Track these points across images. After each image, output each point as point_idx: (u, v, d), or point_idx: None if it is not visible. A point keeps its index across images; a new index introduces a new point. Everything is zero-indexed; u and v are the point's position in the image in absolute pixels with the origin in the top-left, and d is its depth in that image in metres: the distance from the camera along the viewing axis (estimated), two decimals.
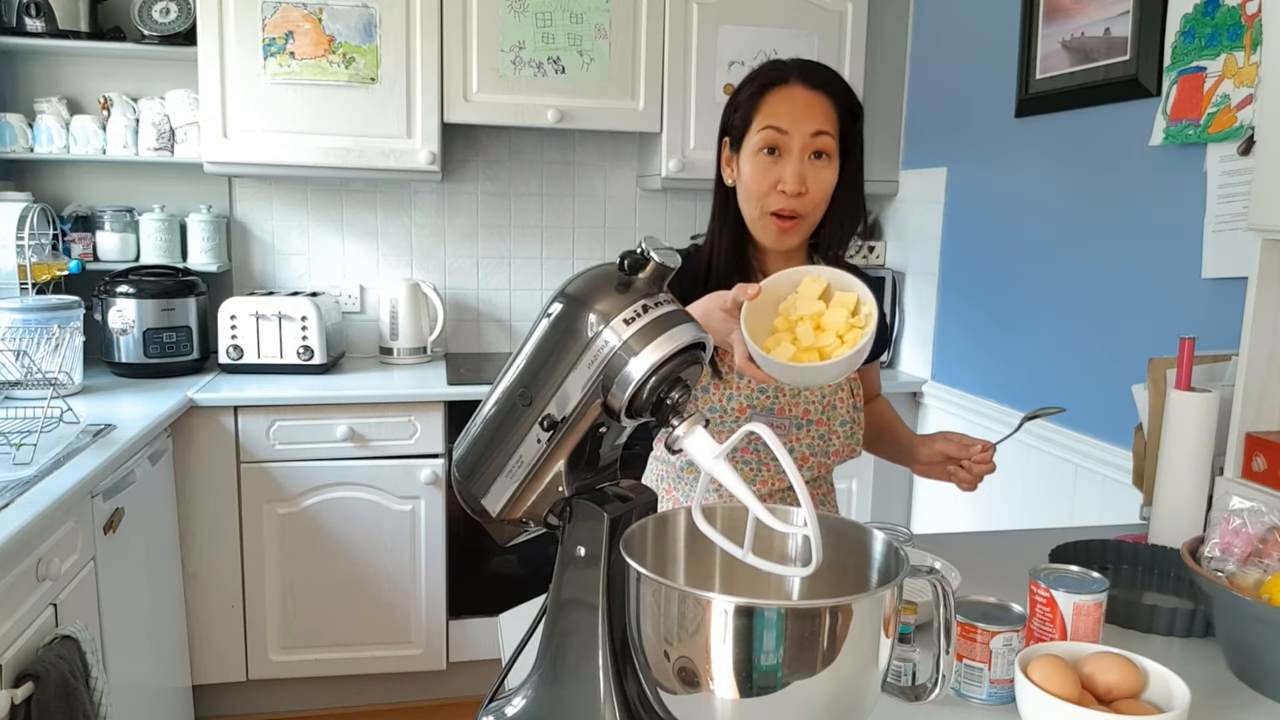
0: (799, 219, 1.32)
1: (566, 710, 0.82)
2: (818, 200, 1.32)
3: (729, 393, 1.34)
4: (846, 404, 1.41)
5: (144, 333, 2.60)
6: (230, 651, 2.55)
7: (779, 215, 1.31)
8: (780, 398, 1.35)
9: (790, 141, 1.30)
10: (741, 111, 1.35)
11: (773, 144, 1.30)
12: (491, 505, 0.85)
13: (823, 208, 1.34)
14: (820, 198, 1.32)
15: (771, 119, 1.31)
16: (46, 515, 1.53)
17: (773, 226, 1.32)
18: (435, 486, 2.58)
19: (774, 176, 1.30)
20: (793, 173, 1.29)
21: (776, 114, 1.31)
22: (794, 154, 1.29)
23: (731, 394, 1.34)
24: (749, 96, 1.34)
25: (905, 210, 3.02)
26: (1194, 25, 1.83)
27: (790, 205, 1.30)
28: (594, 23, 2.72)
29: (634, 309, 0.77)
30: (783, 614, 0.68)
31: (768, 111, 1.31)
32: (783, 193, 1.30)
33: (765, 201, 1.31)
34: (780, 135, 1.30)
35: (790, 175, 1.29)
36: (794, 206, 1.30)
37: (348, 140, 2.65)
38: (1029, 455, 2.36)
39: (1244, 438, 1.32)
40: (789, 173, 1.29)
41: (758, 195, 1.32)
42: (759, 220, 1.34)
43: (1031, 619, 1.03)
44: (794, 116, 1.30)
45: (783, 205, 1.31)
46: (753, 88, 1.34)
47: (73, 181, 2.84)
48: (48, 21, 2.58)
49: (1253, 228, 1.29)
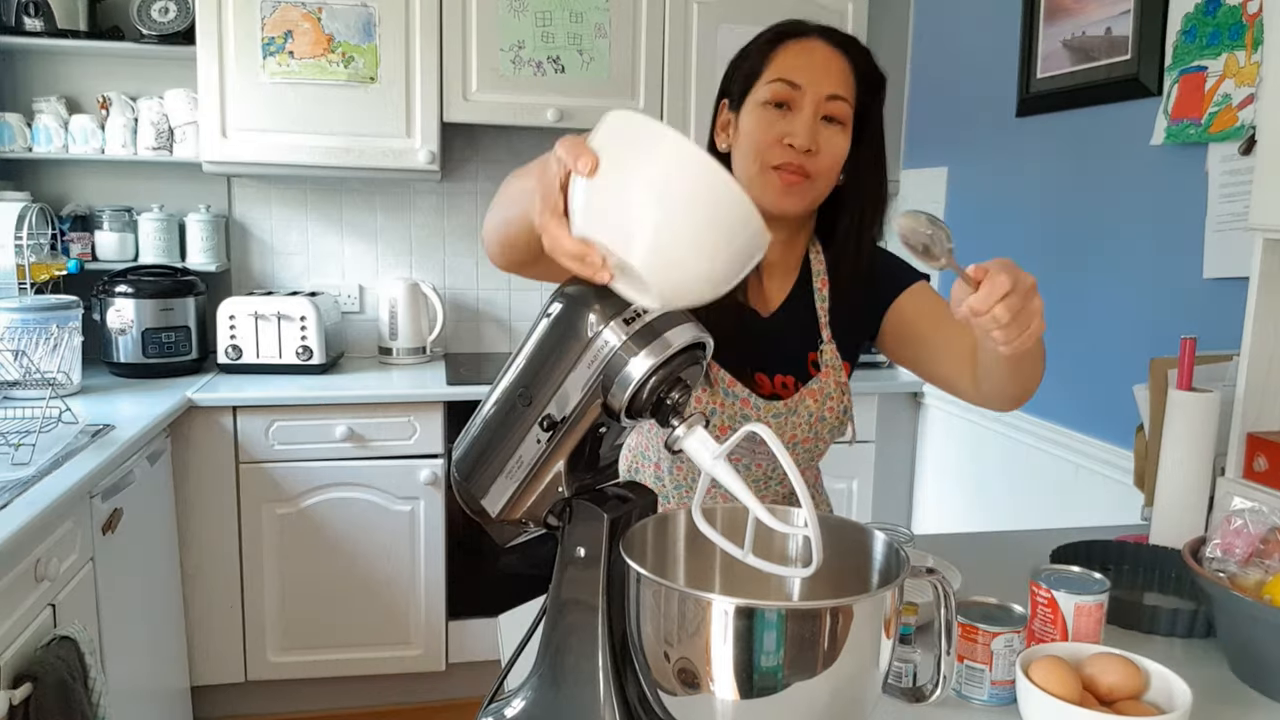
0: (805, 178, 1.15)
1: (566, 711, 0.82)
2: (827, 166, 1.16)
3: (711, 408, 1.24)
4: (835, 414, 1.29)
5: (143, 333, 2.60)
6: (229, 652, 2.54)
7: (783, 170, 1.15)
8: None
9: (802, 98, 1.14)
10: (750, 62, 1.20)
11: (782, 98, 1.15)
12: (491, 506, 0.85)
13: (831, 179, 1.19)
14: (830, 164, 1.17)
15: (784, 72, 1.15)
16: (45, 515, 1.52)
17: (775, 181, 1.15)
18: (435, 487, 2.58)
19: (780, 130, 1.14)
20: (804, 126, 1.13)
21: (791, 67, 1.15)
22: (806, 110, 1.14)
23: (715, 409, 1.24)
24: (760, 47, 1.20)
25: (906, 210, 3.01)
26: (1195, 25, 1.82)
27: (798, 160, 1.14)
28: (594, 22, 2.72)
29: (634, 309, 0.76)
30: (783, 615, 0.68)
31: (780, 64, 1.16)
32: (790, 146, 1.14)
33: (767, 154, 1.15)
34: (792, 90, 1.14)
35: (801, 128, 1.13)
36: (802, 162, 1.14)
37: (347, 140, 2.64)
38: (1029, 455, 2.36)
39: (1245, 438, 1.32)
40: (800, 125, 1.13)
41: (760, 148, 1.15)
42: (758, 176, 1.16)
43: (1033, 620, 1.02)
44: (811, 70, 1.15)
45: (790, 158, 1.14)
46: (767, 36, 1.20)
47: (71, 181, 2.84)
48: (46, 21, 2.58)
49: (1254, 228, 1.29)
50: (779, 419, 1.25)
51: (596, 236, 0.67)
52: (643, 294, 0.70)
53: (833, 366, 1.28)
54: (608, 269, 0.69)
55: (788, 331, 1.28)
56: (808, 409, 1.26)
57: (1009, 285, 0.81)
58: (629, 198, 0.65)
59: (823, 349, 1.28)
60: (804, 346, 1.29)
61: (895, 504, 2.97)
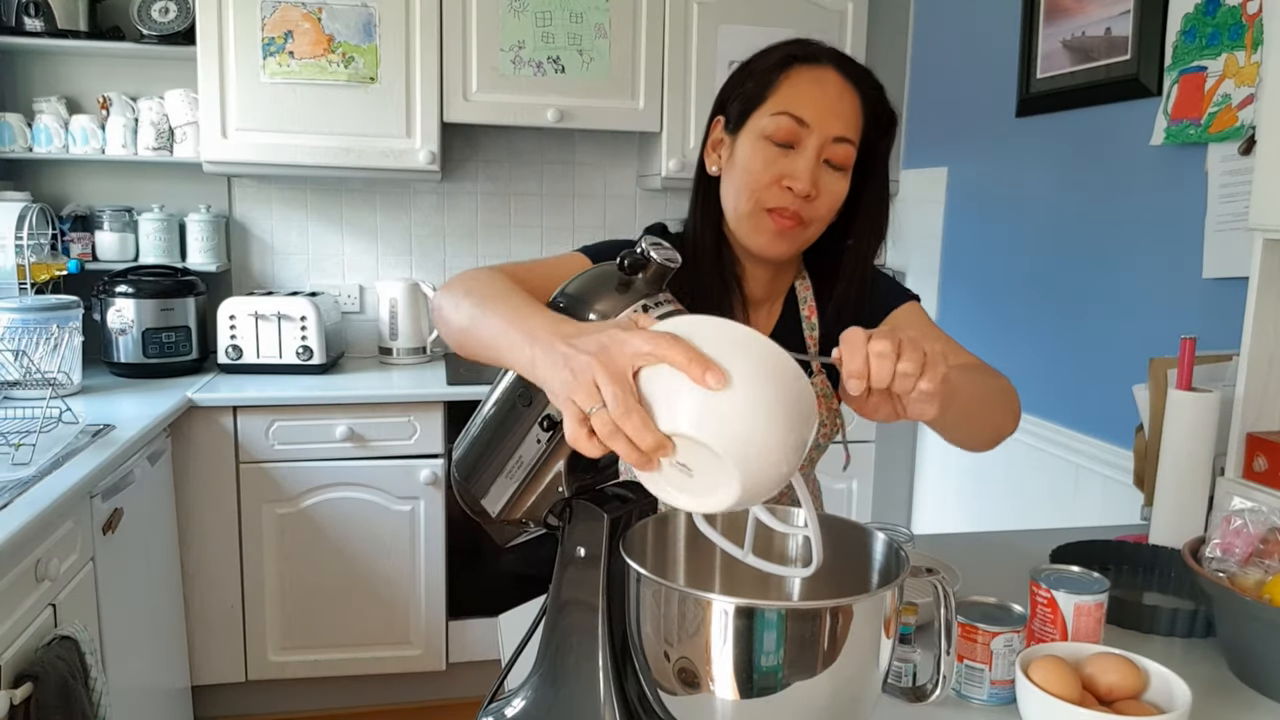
0: (801, 225, 1.10)
1: (566, 711, 0.82)
2: (824, 212, 1.11)
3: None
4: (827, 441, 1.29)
5: (143, 333, 2.60)
6: (229, 652, 2.54)
7: (778, 213, 1.09)
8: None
9: (809, 138, 1.07)
10: (755, 82, 1.11)
11: (788, 137, 1.08)
12: (491, 506, 0.85)
13: (825, 224, 1.13)
14: (827, 210, 1.11)
15: (792, 105, 1.07)
16: (45, 515, 1.52)
17: (769, 225, 1.10)
18: (435, 487, 2.58)
19: (780, 170, 1.08)
20: (806, 169, 1.07)
21: (799, 100, 1.07)
22: (810, 151, 1.07)
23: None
24: (768, 69, 1.11)
25: (906, 210, 3.02)
26: (1195, 25, 1.82)
27: (795, 205, 1.08)
28: (594, 22, 2.72)
29: (634, 309, 0.76)
30: (783, 615, 0.68)
31: (789, 93, 1.08)
32: (788, 189, 1.08)
33: (764, 195, 1.09)
34: (799, 127, 1.07)
35: (804, 171, 1.07)
36: (799, 209, 1.08)
37: (347, 140, 2.64)
38: (1029, 455, 2.36)
39: (1245, 438, 1.32)
40: (802, 168, 1.07)
41: (756, 187, 1.09)
42: (749, 217, 1.11)
43: (1032, 620, 1.03)
44: (820, 108, 1.07)
45: (786, 203, 1.08)
46: (776, 57, 1.11)
47: (71, 181, 2.84)
48: (47, 21, 2.58)
49: (1253, 228, 1.29)
50: None
51: (701, 437, 0.65)
52: (713, 491, 0.67)
53: (824, 395, 1.24)
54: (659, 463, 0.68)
55: None
56: None
57: (863, 339, 0.72)
58: (747, 409, 0.64)
59: (814, 380, 1.23)
60: None
61: (895, 504, 2.97)
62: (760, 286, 1.21)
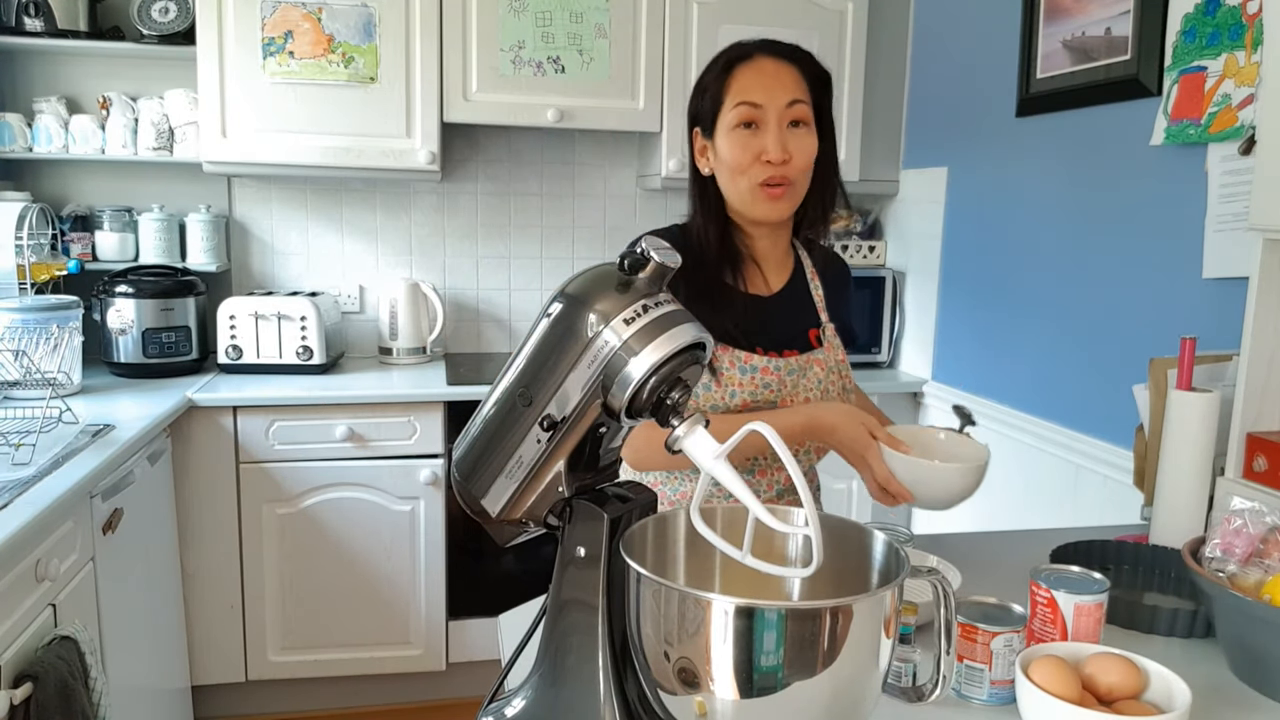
0: (787, 185, 1.29)
1: (566, 711, 0.82)
2: (802, 166, 1.30)
3: (731, 389, 1.33)
4: (836, 387, 1.42)
5: (143, 333, 2.60)
6: (229, 652, 2.54)
7: (767, 185, 1.28)
8: (782, 390, 1.34)
9: (766, 114, 1.27)
10: (710, 93, 1.32)
11: (748, 119, 1.28)
12: (491, 506, 0.85)
13: (808, 175, 1.32)
14: (804, 164, 1.30)
15: (744, 94, 1.28)
16: (45, 515, 1.52)
17: (763, 197, 1.29)
18: (435, 487, 2.58)
19: (755, 149, 1.28)
20: (774, 140, 1.27)
21: (748, 88, 1.28)
22: (771, 124, 1.27)
23: (734, 390, 1.32)
24: (715, 77, 1.32)
25: (906, 210, 3.02)
26: (1195, 25, 1.82)
27: (777, 173, 1.28)
28: (594, 22, 2.72)
29: (634, 309, 0.76)
30: (783, 615, 0.68)
31: (737, 88, 1.29)
32: (767, 163, 1.27)
33: (751, 173, 1.28)
34: (755, 110, 1.28)
35: (772, 143, 1.27)
36: (781, 173, 1.28)
37: (347, 140, 2.64)
38: (1029, 455, 2.36)
39: (1245, 438, 1.32)
40: (770, 141, 1.27)
41: (741, 170, 1.29)
42: (747, 195, 1.31)
43: (1032, 619, 1.03)
44: (766, 89, 1.28)
45: (770, 174, 1.28)
46: (717, 68, 1.32)
47: (72, 181, 2.84)
48: (47, 21, 2.58)
49: (1253, 228, 1.29)
50: (793, 375, 1.35)
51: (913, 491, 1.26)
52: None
53: (833, 344, 1.43)
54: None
55: (789, 308, 1.40)
56: (815, 375, 1.37)
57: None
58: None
59: (824, 326, 1.43)
60: (805, 323, 1.41)
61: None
62: (766, 243, 1.40)
